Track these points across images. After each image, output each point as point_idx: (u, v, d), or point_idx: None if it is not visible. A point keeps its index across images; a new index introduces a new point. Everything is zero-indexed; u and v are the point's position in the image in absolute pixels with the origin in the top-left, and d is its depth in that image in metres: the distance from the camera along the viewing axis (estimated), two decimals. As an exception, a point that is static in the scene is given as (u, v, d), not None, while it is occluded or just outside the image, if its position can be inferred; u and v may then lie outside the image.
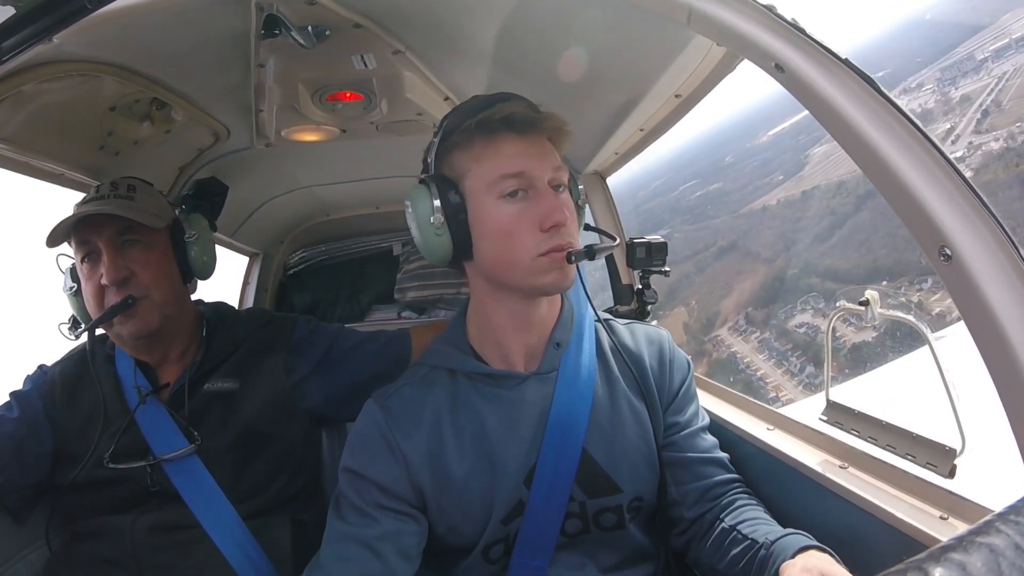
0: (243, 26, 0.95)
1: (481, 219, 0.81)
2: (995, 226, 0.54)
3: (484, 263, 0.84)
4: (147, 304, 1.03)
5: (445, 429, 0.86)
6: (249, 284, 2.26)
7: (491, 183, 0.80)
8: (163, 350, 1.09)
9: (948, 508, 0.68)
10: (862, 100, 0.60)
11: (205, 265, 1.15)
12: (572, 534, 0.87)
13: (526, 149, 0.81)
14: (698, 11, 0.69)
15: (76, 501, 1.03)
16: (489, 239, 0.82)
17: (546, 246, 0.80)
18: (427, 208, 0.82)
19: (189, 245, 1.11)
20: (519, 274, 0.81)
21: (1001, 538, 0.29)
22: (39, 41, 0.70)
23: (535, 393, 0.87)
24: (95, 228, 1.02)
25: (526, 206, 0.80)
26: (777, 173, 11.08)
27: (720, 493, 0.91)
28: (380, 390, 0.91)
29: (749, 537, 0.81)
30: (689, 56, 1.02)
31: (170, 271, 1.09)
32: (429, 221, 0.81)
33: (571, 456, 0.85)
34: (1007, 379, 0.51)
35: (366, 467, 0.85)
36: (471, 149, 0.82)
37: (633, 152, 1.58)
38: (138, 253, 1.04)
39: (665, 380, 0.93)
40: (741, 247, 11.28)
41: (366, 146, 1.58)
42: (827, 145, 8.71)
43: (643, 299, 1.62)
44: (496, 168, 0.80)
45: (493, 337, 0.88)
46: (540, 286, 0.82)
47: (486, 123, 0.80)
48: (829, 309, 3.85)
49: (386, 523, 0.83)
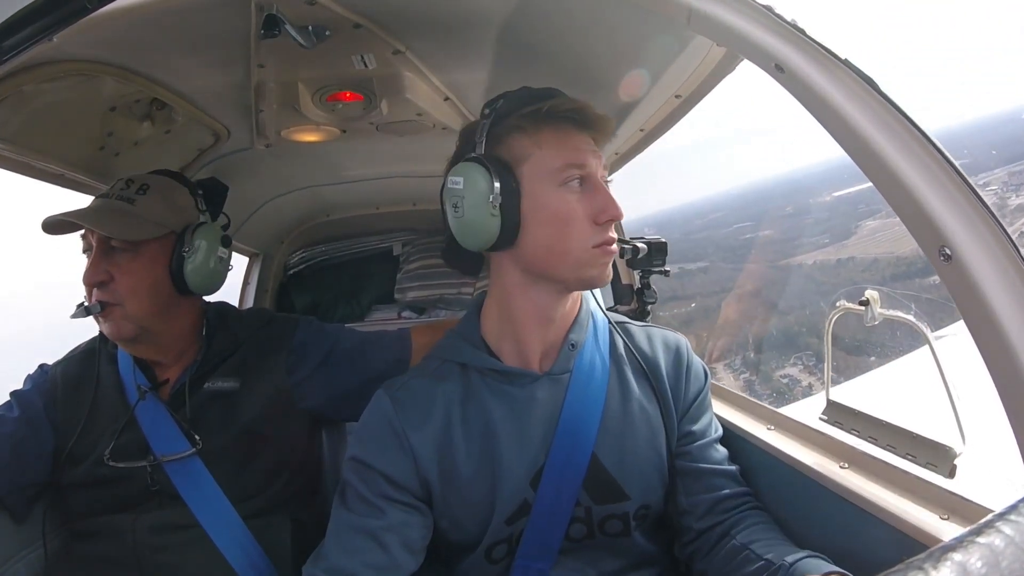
0: (243, 26, 0.95)
1: (538, 205, 0.81)
2: (995, 226, 0.54)
3: (530, 250, 0.83)
4: (118, 312, 1.00)
5: (454, 423, 0.85)
6: (249, 284, 2.26)
7: (555, 170, 0.81)
8: (153, 352, 1.08)
9: (948, 508, 0.68)
10: (862, 100, 0.60)
11: (203, 281, 1.07)
12: (576, 539, 0.86)
13: (586, 144, 0.83)
14: (698, 11, 0.69)
15: (76, 500, 1.04)
16: (545, 226, 0.81)
17: (599, 238, 0.82)
18: (484, 187, 0.79)
19: (185, 259, 1.05)
20: (569, 263, 0.82)
21: (1001, 538, 0.29)
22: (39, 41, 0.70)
23: (546, 394, 0.86)
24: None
25: (584, 198, 0.82)
26: (825, 235, 11.14)
27: (731, 507, 0.89)
28: (390, 381, 0.90)
29: (764, 557, 0.79)
30: (689, 56, 1.02)
31: (155, 281, 1.03)
32: (487, 200, 0.79)
33: (580, 461, 0.84)
34: (1007, 379, 0.51)
35: (373, 457, 0.84)
36: (537, 134, 0.82)
37: (633, 152, 1.58)
38: (121, 259, 1.02)
39: (681, 387, 0.92)
40: (764, 296, 11.33)
41: (366, 146, 1.58)
42: (880, 220, 8.78)
43: (643, 299, 1.63)
44: (562, 156, 0.81)
45: (513, 331, 0.88)
46: (587, 278, 0.84)
47: (555, 112, 0.82)
48: (817, 368, 3.85)
49: (392, 515, 0.82)
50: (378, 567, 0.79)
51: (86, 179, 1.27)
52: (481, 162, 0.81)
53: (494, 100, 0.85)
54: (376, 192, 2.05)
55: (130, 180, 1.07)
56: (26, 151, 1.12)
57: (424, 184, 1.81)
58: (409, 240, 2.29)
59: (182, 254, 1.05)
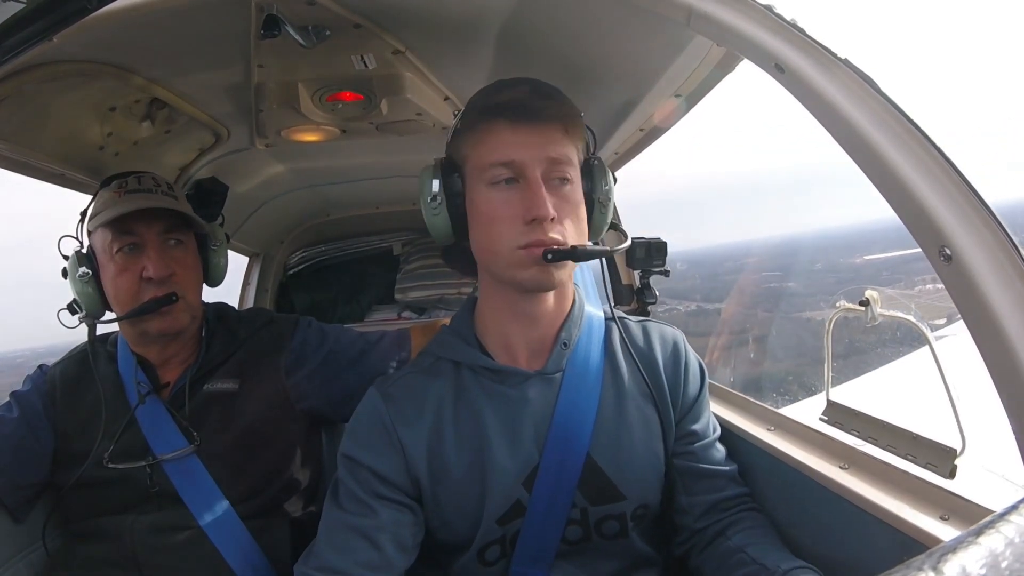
0: (243, 26, 0.95)
1: (471, 205, 0.82)
2: (995, 226, 0.53)
3: (474, 250, 0.84)
4: (182, 304, 1.05)
5: (446, 421, 0.85)
6: (249, 284, 2.26)
7: (482, 169, 0.80)
8: (175, 349, 1.09)
9: (948, 508, 0.68)
10: (862, 100, 0.60)
11: (221, 274, 1.19)
12: (573, 541, 0.86)
13: (523, 138, 0.78)
14: (698, 11, 0.69)
15: (76, 501, 1.04)
16: (476, 225, 0.82)
17: (525, 239, 0.77)
18: (428, 188, 0.83)
19: (214, 253, 1.15)
20: (500, 265, 0.80)
21: (1001, 538, 0.29)
22: (39, 41, 0.70)
23: (538, 393, 0.85)
24: (144, 220, 1.02)
25: (514, 196, 0.78)
26: (841, 296, 11.09)
27: (729, 507, 0.89)
28: (383, 377, 0.90)
29: (758, 562, 0.80)
30: (689, 56, 1.02)
31: (199, 274, 1.12)
32: (427, 200, 0.83)
33: (574, 462, 0.84)
34: (1007, 379, 0.51)
35: (365, 455, 0.84)
36: (474, 134, 0.82)
37: (633, 152, 1.58)
38: (180, 253, 1.06)
39: (680, 384, 0.91)
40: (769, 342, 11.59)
41: (366, 146, 1.58)
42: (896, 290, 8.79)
43: (643, 299, 1.63)
44: (488, 155, 0.79)
45: (496, 328, 0.87)
46: (519, 281, 0.79)
47: (486, 109, 0.81)
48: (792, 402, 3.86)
49: (384, 513, 0.82)
50: (370, 566, 0.79)
51: (86, 179, 1.27)
52: (437, 164, 0.84)
53: (471, 98, 0.85)
54: (376, 192, 2.04)
55: (154, 178, 1.08)
56: (26, 150, 1.12)
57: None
58: (409, 240, 2.29)
59: (211, 248, 1.15)
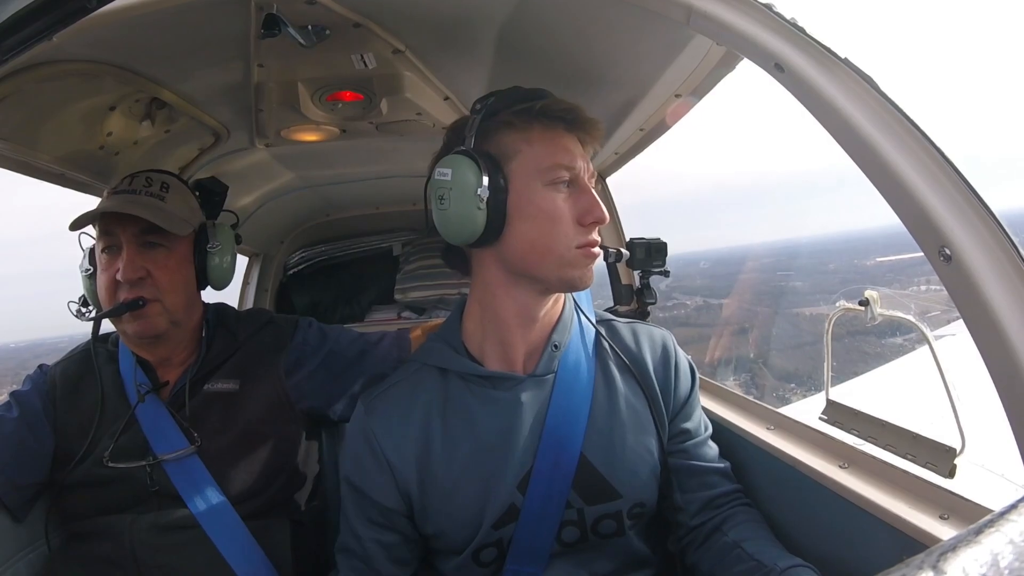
0: (243, 26, 0.95)
1: (524, 202, 0.81)
2: (995, 226, 0.54)
3: (514, 247, 0.82)
4: (157, 307, 1.03)
5: (434, 431, 0.86)
6: (249, 284, 2.26)
7: (544, 169, 0.81)
8: (166, 351, 1.09)
9: (948, 508, 0.68)
10: (862, 100, 0.60)
11: (223, 276, 1.15)
12: (569, 543, 0.86)
13: (575, 146, 0.84)
14: (698, 10, 0.69)
15: (76, 500, 1.03)
16: (531, 223, 0.81)
17: (583, 239, 0.82)
18: (473, 180, 0.79)
19: (210, 255, 1.11)
20: (552, 263, 0.82)
21: (1001, 538, 0.29)
22: (39, 41, 0.70)
23: (531, 396, 0.86)
24: (120, 222, 1.02)
25: (570, 198, 0.82)
26: (841, 294, 10.97)
27: (723, 503, 0.90)
28: (369, 389, 0.92)
29: (755, 558, 0.80)
30: (689, 56, 1.02)
31: (187, 277, 1.09)
32: (474, 194, 0.79)
33: (568, 462, 0.84)
34: (1007, 379, 0.51)
35: (358, 478, 0.88)
36: (527, 132, 0.82)
37: (633, 152, 1.58)
38: (159, 256, 1.04)
39: (671, 384, 0.92)
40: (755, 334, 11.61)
41: (366, 146, 1.58)
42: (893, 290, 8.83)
43: (643, 299, 1.63)
44: (551, 156, 0.81)
45: (497, 332, 0.87)
46: (569, 279, 0.83)
47: (548, 111, 0.82)
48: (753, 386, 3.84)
49: (382, 536, 0.87)
50: None
51: (86, 178, 1.27)
52: (471, 155, 0.81)
53: (485, 97, 0.86)
54: (376, 192, 2.04)
55: (148, 178, 1.07)
56: (26, 150, 1.12)
57: (424, 184, 1.81)
58: (409, 240, 2.29)
59: (207, 250, 1.11)
